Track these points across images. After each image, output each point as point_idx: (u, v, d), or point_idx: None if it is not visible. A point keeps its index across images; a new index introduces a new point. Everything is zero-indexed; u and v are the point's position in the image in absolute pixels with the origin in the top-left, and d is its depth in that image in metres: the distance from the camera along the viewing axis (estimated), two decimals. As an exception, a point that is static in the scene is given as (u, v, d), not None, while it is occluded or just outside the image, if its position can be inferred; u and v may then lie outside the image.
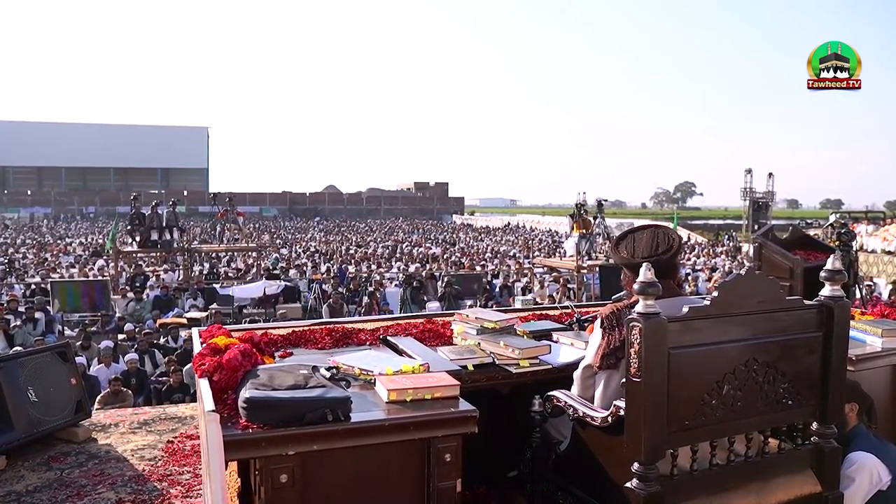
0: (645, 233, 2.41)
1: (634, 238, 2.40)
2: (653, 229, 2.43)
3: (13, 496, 3.13)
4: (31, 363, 3.87)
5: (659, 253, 2.29)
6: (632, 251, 2.35)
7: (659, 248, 2.31)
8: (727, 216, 62.93)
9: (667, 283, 2.25)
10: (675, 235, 2.39)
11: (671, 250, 2.31)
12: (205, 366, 2.00)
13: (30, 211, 55.28)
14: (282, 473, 1.79)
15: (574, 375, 2.42)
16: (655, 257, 2.25)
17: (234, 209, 19.97)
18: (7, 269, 18.35)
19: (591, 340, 2.36)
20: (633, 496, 1.94)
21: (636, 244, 2.37)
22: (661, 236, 2.36)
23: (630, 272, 2.36)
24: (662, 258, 2.26)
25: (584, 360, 2.38)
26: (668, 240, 2.35)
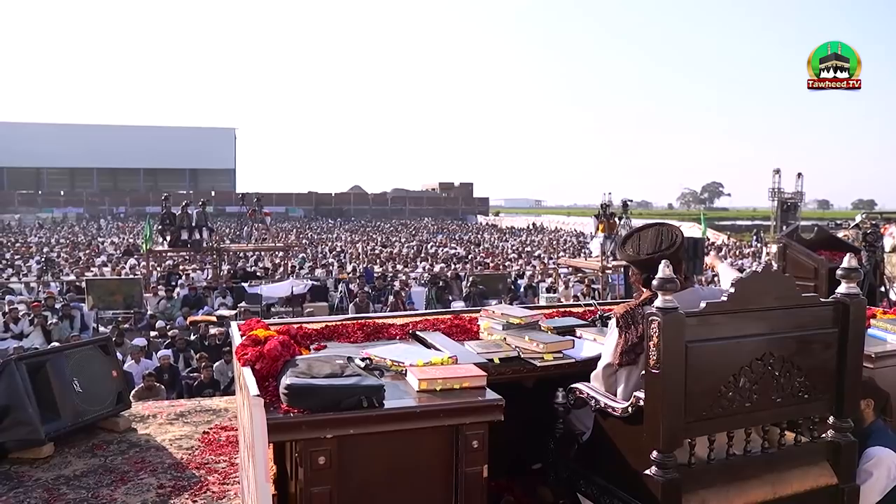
0: (649, 231, 2.51)
1: (640, 236, 2.49)
2: (657, 227, 2.53)
3: (62, 479, 3.31)
4: (76, 356, 4.06)
5: (663, 249, 2.39)
6: (637, 248, 2.45)
7: (663, 245, 2.41)
8: (755, 217, 62.08)
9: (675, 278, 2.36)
10: (678, 232, 2.49)
11: (674, 245, 2.41)
12: (247, 355, 2.14)
13: (63, 211, 56.48)
14: (320, 456, 1.92)
15: (593, 375, 2.51)
16: (659, 253, 2.35)
17: (262, 209, 20.27)
18: (44, 268, 18.85)
19: (608, 339, 2.45)
20: (652, 483, 2.04)
21: (641, 242, 2.47)
22: (665, 233, 2.46)
23: (637, 269, 2.47)
24: (666, 253, 2.35)
25: (603, 359, 2.47)
26: (672, 236, 2.45)
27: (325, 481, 1.94)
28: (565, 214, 59.23)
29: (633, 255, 2.44)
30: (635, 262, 2.46)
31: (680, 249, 2.42)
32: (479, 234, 39.14)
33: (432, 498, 2.11)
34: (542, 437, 2.75)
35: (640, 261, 2.41)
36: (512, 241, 33.29)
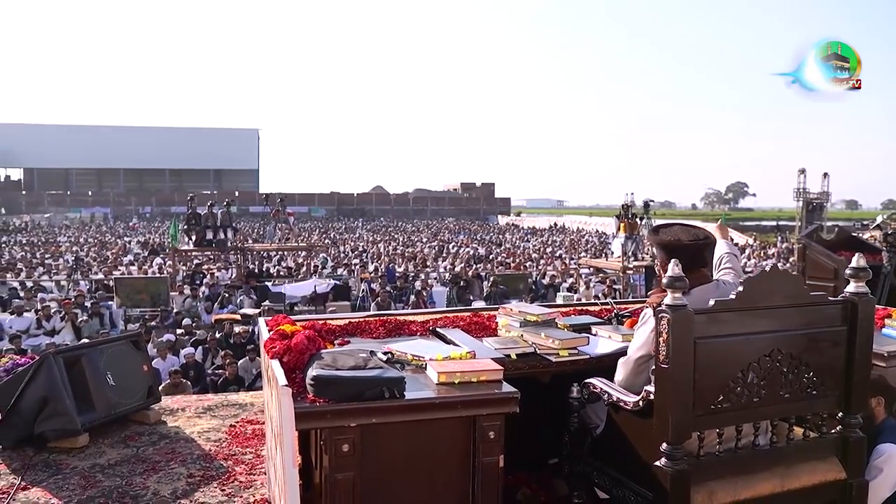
0: (675, 226, 2.57)
1: (672, 228, 2.54)
2: (681, 225, 2.60)
3: (98, 468, 3.46)
4: (109, 351, 4.21)
5: (700, 239, 2.45)
6: (675, 236, 2.49)
7: (699, 236, 2.47)
8: (781, 217, 61.36)
9: (703, 271, 2.43)
10: (705, 230, 2.56)
11: (708, 239, 2.48)
12: (275, 349, 2.26)
13: (91, 211, 57.57)
14: (344, 444, 2.03)
15: (622, 361, 2.51)
16: (702, 241, 2.42)
17: (285, 209, 20.53)
18: (74, 267, 19.28)
19: (643, 330, 2.42)
20: (662, 473, 2.12)
21: (674, 232, 2.50)
22: (694, 229, 2.53)
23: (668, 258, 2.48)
24: (703, 244, 2.42)
25: (636, 350, 2.45)
26: (704, 232, 2.52)
27: (348, 468, 2.05)
28: (587, 215, 59.01)
29: (673, 241, 2.44)
30: (676, 248, 2.43)
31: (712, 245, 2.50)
32: (501, 234, 39.19)
33: (450, 486, 2.21)
34: (558, 432, 2.83)
35: (681, 246, 2.42)
36: (533, 241, 33.30)
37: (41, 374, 3.71)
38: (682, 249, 2.41)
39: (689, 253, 2.40)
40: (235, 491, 3.24)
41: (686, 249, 2.41)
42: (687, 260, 2.37)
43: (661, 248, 2.50)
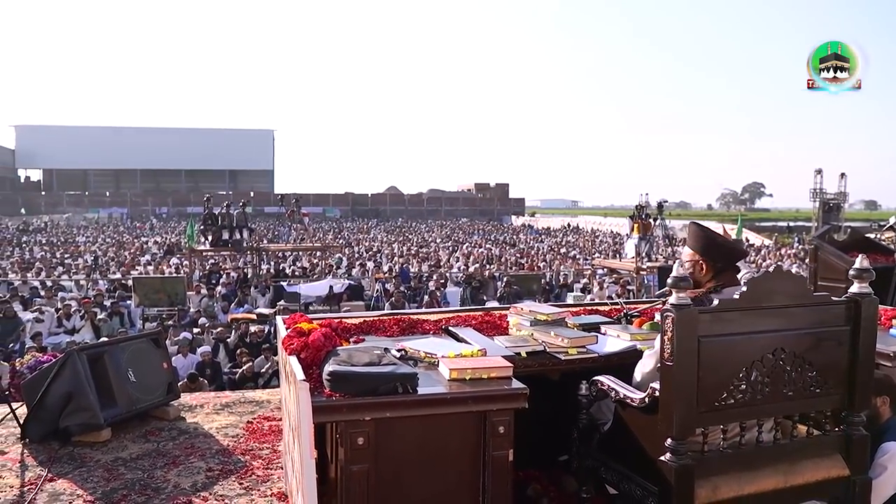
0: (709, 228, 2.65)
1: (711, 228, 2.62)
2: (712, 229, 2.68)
3: (120, 461, 3.57)
4: (131, 348, 4.33)
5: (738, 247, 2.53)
6: (724, 239, 2.55)
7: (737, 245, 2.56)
8: (798, 218, 60.81)
9: (733, 274, 2.49)
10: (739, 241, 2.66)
11: (742, 246, 2.57)
12: (293, 345, 2.34)
13: (108, 211, 58.22)
14: (359, 437, 2.11)
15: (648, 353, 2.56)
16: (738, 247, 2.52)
17: (300, 210, 20.69)
18: (93, 266, 19.55)
19: None
20: (666, 468, 2.18)
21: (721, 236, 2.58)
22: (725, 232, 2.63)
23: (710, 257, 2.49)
24: (739, 249, 2.52)
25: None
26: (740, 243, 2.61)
27: (363, 460, 2.13)
28: (602, 215, 58.82)
29: (720, 238, 2.50)
30: (715, 246, 2.49)
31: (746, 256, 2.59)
32: (515, 234, 39.20)
33: (462, 479, 2.29)
34: (568, 429, 2.90)
35: (726, 247, 2.49)
36: (547, 241, 33.30)
37: (66, 370, 3.83)
38: (719, 248, 2.50)
39: (724, 251, 2.50)
40: (253, 484, 3.33)
41: (724, 251, 2.50)
42: (723, 259, 2.47)
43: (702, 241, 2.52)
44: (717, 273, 2.46)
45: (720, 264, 2.47)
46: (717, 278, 2.44)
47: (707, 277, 2.49)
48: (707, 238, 2.53)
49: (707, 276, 2.49)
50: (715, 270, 2.47)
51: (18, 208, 58.12)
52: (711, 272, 2.48)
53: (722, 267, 2.42)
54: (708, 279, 2.48)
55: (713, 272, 2.48)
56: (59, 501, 3.12)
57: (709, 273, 2.49)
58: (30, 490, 3.23)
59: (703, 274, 2.50)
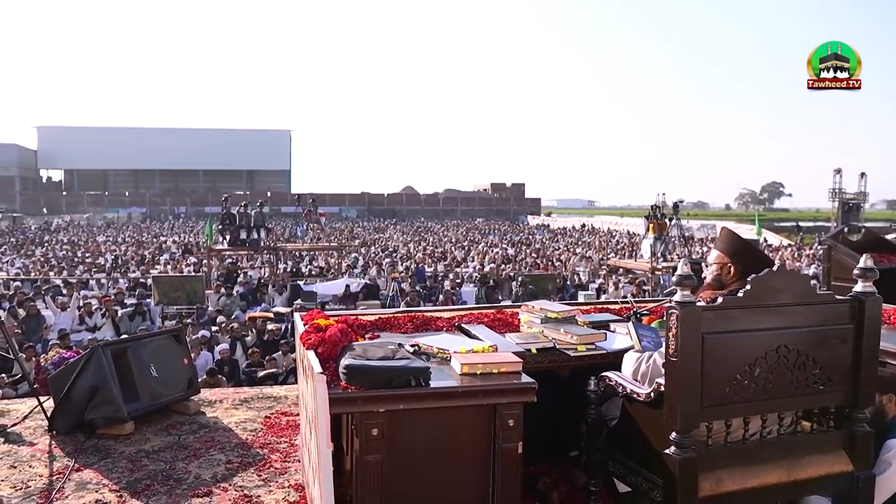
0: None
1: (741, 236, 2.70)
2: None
3: (143, 453, 3.69)
4: (153, 344, 4.46)
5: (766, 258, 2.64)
6: (752, 245, 2.64)
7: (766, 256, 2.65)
8: (818, 218, 60.17)
9: None
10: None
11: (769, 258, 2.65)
12: (311, 340, 2.44)
13: (128, 211, 58.96)
14: (373, 428, 2.20)
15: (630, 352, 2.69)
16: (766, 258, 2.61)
17: (317, 210, 20.87)
18: (113, 265, 19.85)
19: None
20: (671, 461, 2.25)
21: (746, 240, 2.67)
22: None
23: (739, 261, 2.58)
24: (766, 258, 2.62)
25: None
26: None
27: (377, 450, 2.22)
28: (619, 215, 58.62)
29: (752, 244, 2.63)
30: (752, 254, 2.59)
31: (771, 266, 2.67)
32: (531, 234, 39.20)
33: (472, 470, 2.37)
34: (579, 425, 2.97)
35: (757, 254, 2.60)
36: (563, 241, 33.27)
37: (91, 365, 3.96)
38: (750, 254, 2.58)
39: (754, 258, 2.58)
40: (271, 476, 3.43)
41: (752, 255, 2.60)
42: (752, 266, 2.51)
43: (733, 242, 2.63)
44: (743, 278, 2.51)
45: (748, 270, 2.51)
46: (742, 283, 2.49)
47: (733, 280, 2.55)
48: (740, 242, 2.62)
49: (733, 278, 2.56)
50: (741, 275, 2.53)
51: (41, 208, 59.06)
52: (738, 276, 2.54)
53: (749, 273, 2.48)
54: (733, 282, 2.54)
55: (739, 276, 2.53)
56: (86, 490, 3.24)
57: (735, 276, 2.55)
58: (58, 479, 3.36)
59: (730, 277, 2.57)
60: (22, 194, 64.61)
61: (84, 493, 3.21)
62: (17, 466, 3.53)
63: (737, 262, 2.57)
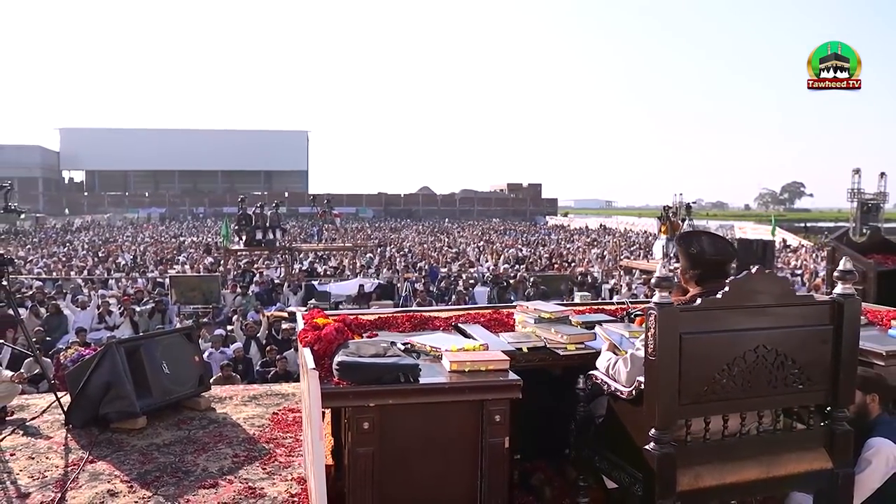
0: (704, 236, 2.76)
1: (700, 238, 2.74)
2: (710, 235, 2.80)
3: (154, 446, 3.84)
4: (165, 342, 4.61)
5: (725, 254, 2.65)
6: (700, 249, 2.69)
7: (726, 250, 2.67)
8: (839, 218, 59.43)
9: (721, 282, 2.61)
10: (731, 244, 2.78)
11: (731, 255, 2.69)
12: (307, 338, 2.56)
13: (147, 211, 59.68)
14: (364, 421, 2.31)
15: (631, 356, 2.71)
16: (724, 257, 2.63)
17: (332, 210, 21.05)
18: (132, 265, 20.18)
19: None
20: (650, 456, 2.33)
21: (703, 244, 2.70)
22: (721, 241, 2.74)
23: (694, 267, 2.64)
24: (725, 259, 2.63)
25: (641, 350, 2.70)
26: (730, 247, 2.74)
27: (368, 443, 2.34)
28: (636, 216, 58.33)
29: (698, 253, 2.64)
30: (697, 259, 2.63)
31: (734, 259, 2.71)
32: (547, 235, 39.18)
33: (461, 463, 2.47)
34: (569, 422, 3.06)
35: (704, 260, 2.62)
36: (578, 242, 33.23)
37: (105, 361, 4.12)
38: (705, 262, 2.63)
39: (710, 265, 2.62)
40: (275, 470, 3.56)
41: (708, 262, 2.63)
42: (707, 271, 2.61)
43: (685, 256, 2.70)
44: (701, 281, 2.60)
45: (706, 275, 2.59)
46: (703, 285, 2.58)
47: (693, 285, 2.63)
48: (688, 255, 2.66)
49: (690, 284, 2.64)
50: (699, 280, 2.61)
51: (63, 208, 59.97)
52: (696, 281, 2.62)
53: (707, 278, 2.57)
54: (694, 287, 2.62)
55: (698, 281, 2.62)
56: (99, 480, 3.39)
57: (693, 282, 2.63)
58: (73, 470, 3.52)
59: (690, 283, 2.65)
60: (45, 195, 65.59)
61: (96, 483, 3.36)
62: (34, 458, 3.69)
63: (693, 269, 2.64)
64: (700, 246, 2.65)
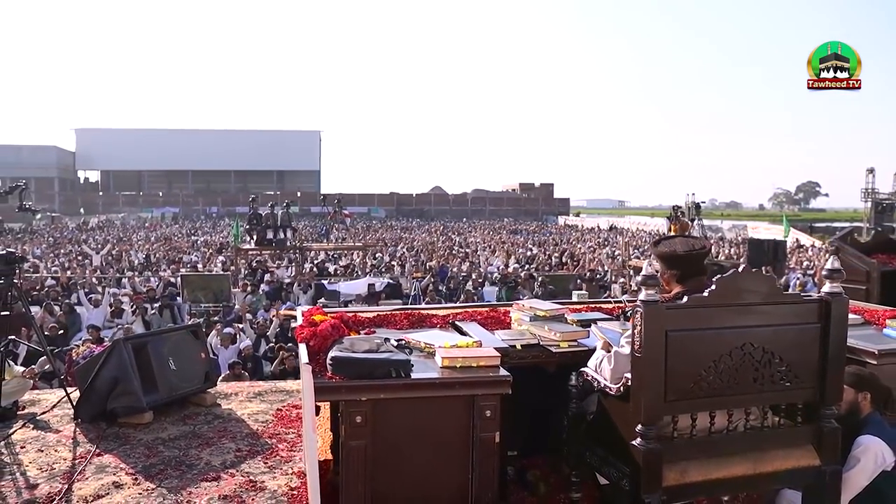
0: (677, 238, 2.82)
1: (672, 241, 2.80)
2: (684, 236, 2.85)
3: (160, 441, 3.93)
4: (172, 339, 4.70)
5: (696, 249, 2.70)
6: (671, 248, 2.75)
7: (695, 246, 2.72)
8: (855, 218, 58.87)
9: (700, 279, 2.66)
10: (705, 240, 2.81)
11: (705, 249, 2.73)
12: (304, 334, 2.63)
13: (161, 211, 60.19)
14: (357, 415, 2.38)
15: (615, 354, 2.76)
16: (696, 252, 2.67)
17: (341, 211, 21.16)
18: (144, 264, 20.39)
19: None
20: (636, 451, 2.38)
21: (673, 244, 2.77)
22: (693, 240, 2.78)
23: (670, 267, 2.71)
24: (701, 253, 2.67)
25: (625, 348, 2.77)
26: (701, 242, 2.77)
27: (361, 437, 2.40)
28: (649, 215, 58.08)
29: (670, 252, 2.70)
30: (672, 258, 2.69)
31: (707, 255, 2.74)
32: (559, 234, 39.12)
33: (452, 457, 2.54)
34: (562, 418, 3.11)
35: (675, 257, 2.67)
36: (589, 241, 33.17)
37: (113, 357, 4.21)
38: (678, 260, 2.68)
39: (684, 263, 2.67)
40: (276, 464, 3.64)
41: (681, 259, 2.68)
42: (684, 269, 2.65)
43: (659, 258, 2.77)
44: (681, 279, 2.64)
45: (686, 274, 2.64)
46: (684, 283, 2.62)
47: (672, 285, 2.68)
48: (660, 255, 2.72)
49: (671, 283, 2.69)
50: (679, 280, 2.66)
51: (78, 208, 60.57)
52: (676, 280, 2.67)
53: (687, 277, 2.62)
54: (675, 286, 2.67)
55: (678, 280, 2.67)
56: (105, 472, 3.48)
57: (673, 281, 2.68)
58: (80, 462, 3.61)
59: (668, 284, 2.70)
60: (60, 194, 66.29)
61: (103, 475, 3.45)
62: (43, 450, 3.79)
63: (671, 269, 2.69)
64: (671, 247, 2.71)
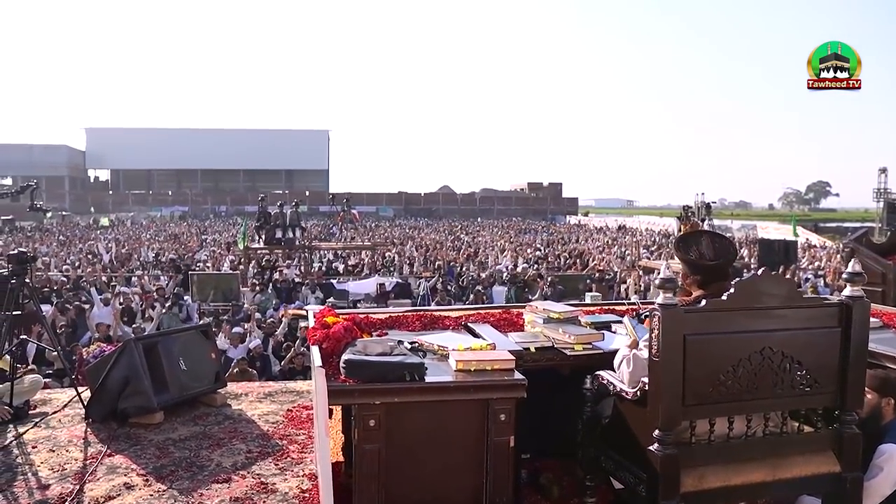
0: (703, 238, 2.77)
1: (699, 243, 2.75)
2: (710, 235, 2.80)
3: (170, 441, 3.91)
4: (182, 338, 4.69)
5: (722, 258, 2.65)
6: (699, 255, 2.70)
7: (726, 254, 2.67)
8: (866, 218, 58.46)
9: (723, 284, 2.62)
10: (732, 244, 2.77)
11: (730, 257, 2.69)
12: (316, 336, 2.61)
13: (170, 210, 60.43)
14: (370, 419, 2.35)
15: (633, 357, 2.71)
16: (723, 261, 2.64)
17: (349, 211, 21.16)
18: (154, 263, 20.46)
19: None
20: (653, 457, 2.35)
21: (701, 249, 2.71)
22: (720, 242, 2.73)
23: (694, 272, 2.68)
24: (725, 263, 2.64)
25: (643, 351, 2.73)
26: (731, 247, 2.73)
27: (374, 440, 2.38)
28: (658, 215, 57.84)
29: (696, 259, 2.66)
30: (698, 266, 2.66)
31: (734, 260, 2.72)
32: (568, 234, 38.99)
33: (466, 461, 2.51)
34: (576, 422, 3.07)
35: (703, 265, 2.64)
36: (597, 241, 33.05)
37: (123, 357, 4.20)
38: (705, 268, 2.64)
39: (710, 270, 2.64)
40: (288, 466, 3.62)
41: (707, 268, 2.64)
42: (709, 276, 2.61)
43: (685, 263, 2.73)
44: (703, 285, 2.61)
45: (707, 278, 2.61)
46: (706, 288, 2.58)
47: (693, 289, 2.64)
48: (686, 261, 2.69)
49: (693, 287, 2.65)
50: (701, 284, 2.63)
51: (88, 207, 60.89)
52: (698, 285, 2.64)
53: (709, 281, 2.58)
54: (696, 290, 2.63)
55: (699, 285, 2.63)
56: (116, 473, 3.47)
57: (696, 285, 2.64)
58: (91, 463, 3.60)
59: (693, 287, 2.66)
60: (71, 193, 66.64)
61: (113, 476, 3.44)
62: (55, 450, 3.78)
63: (693, 274, 2.66)
64: (698, 251, 2.66)
